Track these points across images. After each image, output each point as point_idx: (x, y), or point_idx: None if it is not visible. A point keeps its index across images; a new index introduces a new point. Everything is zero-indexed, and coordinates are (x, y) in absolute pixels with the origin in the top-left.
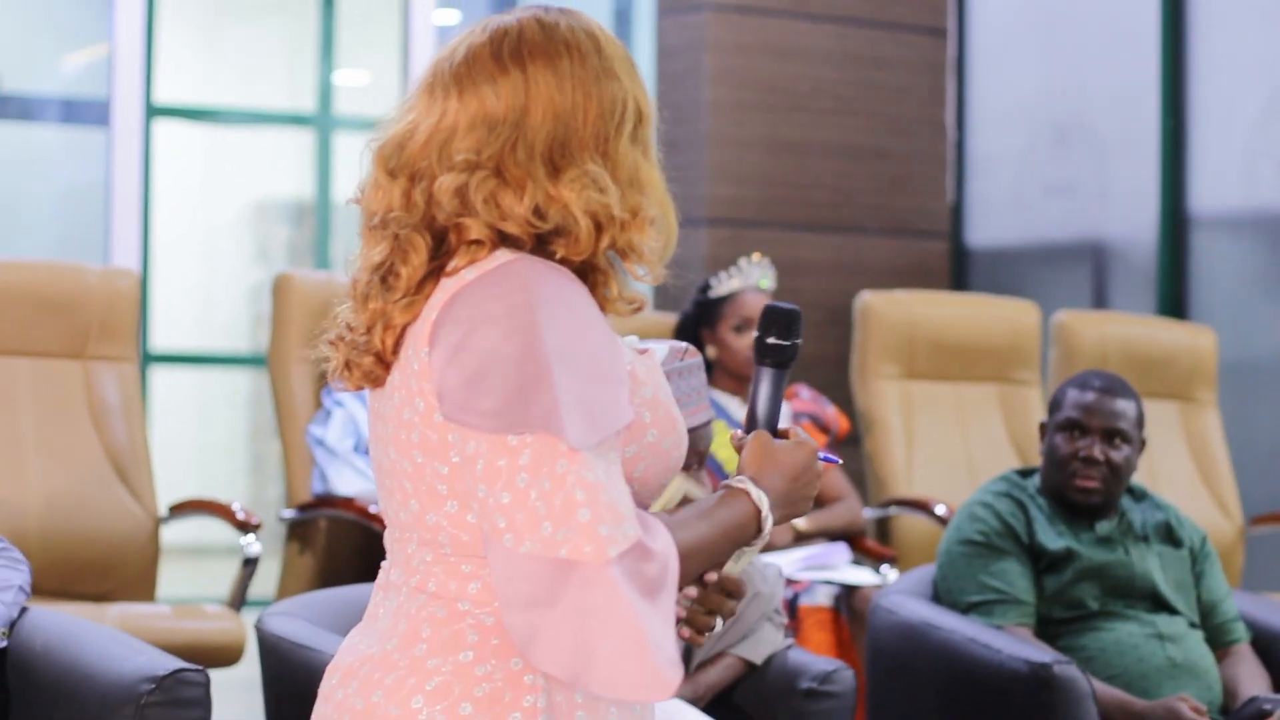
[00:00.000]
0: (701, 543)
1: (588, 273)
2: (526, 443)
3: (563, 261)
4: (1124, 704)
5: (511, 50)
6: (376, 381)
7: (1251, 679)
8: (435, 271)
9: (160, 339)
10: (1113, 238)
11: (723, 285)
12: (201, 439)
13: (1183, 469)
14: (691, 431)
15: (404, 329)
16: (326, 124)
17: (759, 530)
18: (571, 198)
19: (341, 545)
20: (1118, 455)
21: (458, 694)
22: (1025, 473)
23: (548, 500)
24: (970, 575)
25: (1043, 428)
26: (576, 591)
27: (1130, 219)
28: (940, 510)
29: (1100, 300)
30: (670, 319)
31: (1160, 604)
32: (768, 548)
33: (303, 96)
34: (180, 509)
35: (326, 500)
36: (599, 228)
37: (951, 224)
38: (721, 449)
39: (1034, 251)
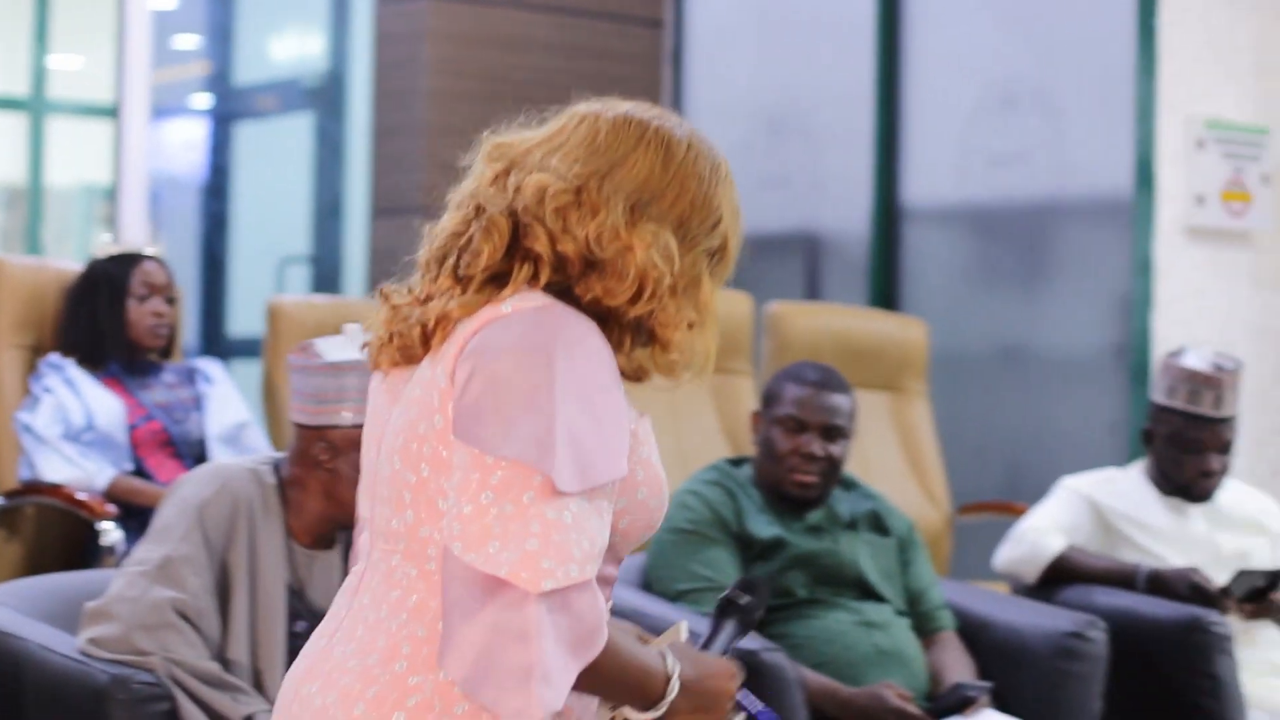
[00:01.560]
0: (624, 656)
1: (610, 327)
2: (502, 465)
3: (590, 305)
4: (831, 691)
5: (643, 118)
6: (412, 358)
7: (957, 666)
8: (498, 277)
9: None
10: (826, 230)
11: None
12: None
13: (892, 458)
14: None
15: (452, 325)
16: (39, 108)
17: (660, 698)
18: (637, 245)
19: (49, 532)
20: (836, 450)
21: (438, 710)
22: (736, 462)
23: (504, 522)
24: (679, 563)
25: (755, 417)
26: (499, 609)
27: (844, 211)
28: None
29: (813, 291)
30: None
31: (868, 592)
32: None
33: (15, 80)
34: None
35: (33, 487)
36: (641, 288)
37: None
38: None
39: (747, 242)
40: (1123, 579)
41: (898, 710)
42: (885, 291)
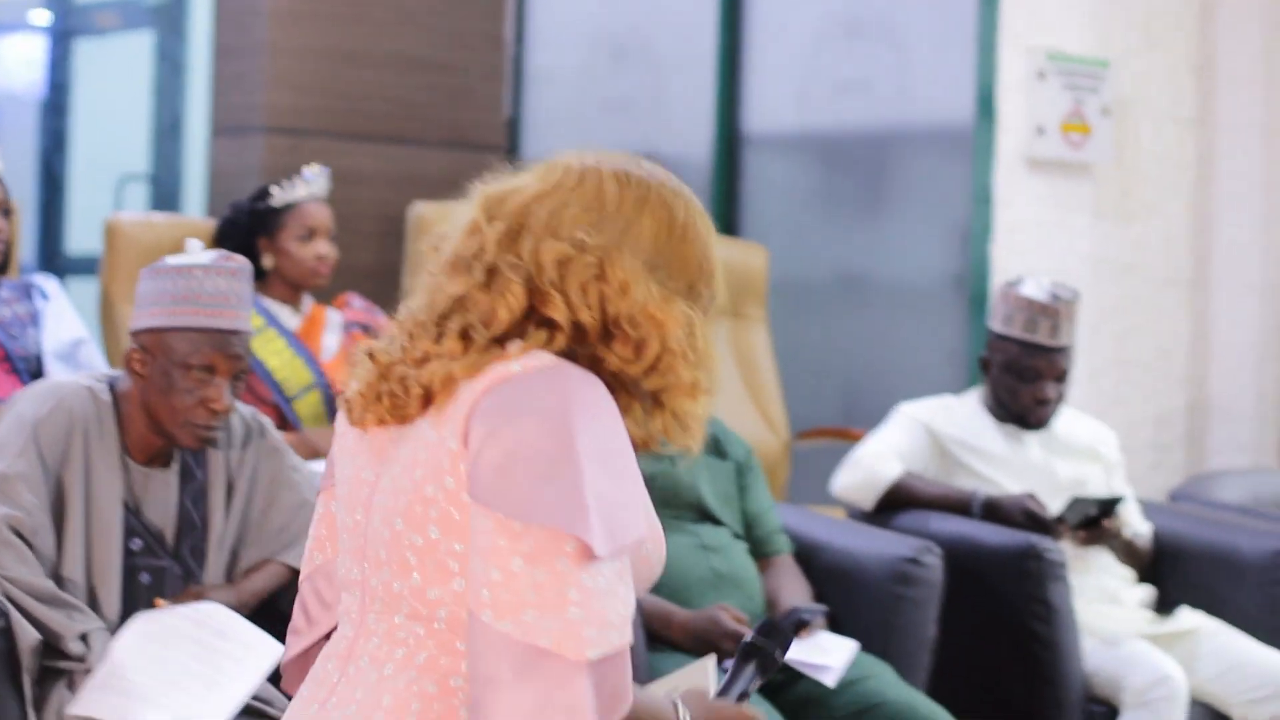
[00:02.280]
0: (641, 713)
1: (618, 393)
2: (532, 530)
3: (598, 368)
4: (666, 613)
5: (642, 177)
6: (404, 419)
7: (792, 590)
8: (501, 337)
9: None
10: (668, 155)
11: (285, 195)
12: None
13: (731, 384)
14: (233, 334)
15: (456, 385)
16: None
17: None
18: (669, 323)
19: None
20: None
21: None
22: None
23: (539, 590)
24: None
25: None
26: (544, 681)
27: (686, 137)
28: None
29: None
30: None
31: (705, 515)
32: None
33: None
34: None
35: None
36: (660, 360)
37: (508, 137)
38: (271, 356)
39: None
40: (958, 505)
41: (732, 633)
42: (726, 217)
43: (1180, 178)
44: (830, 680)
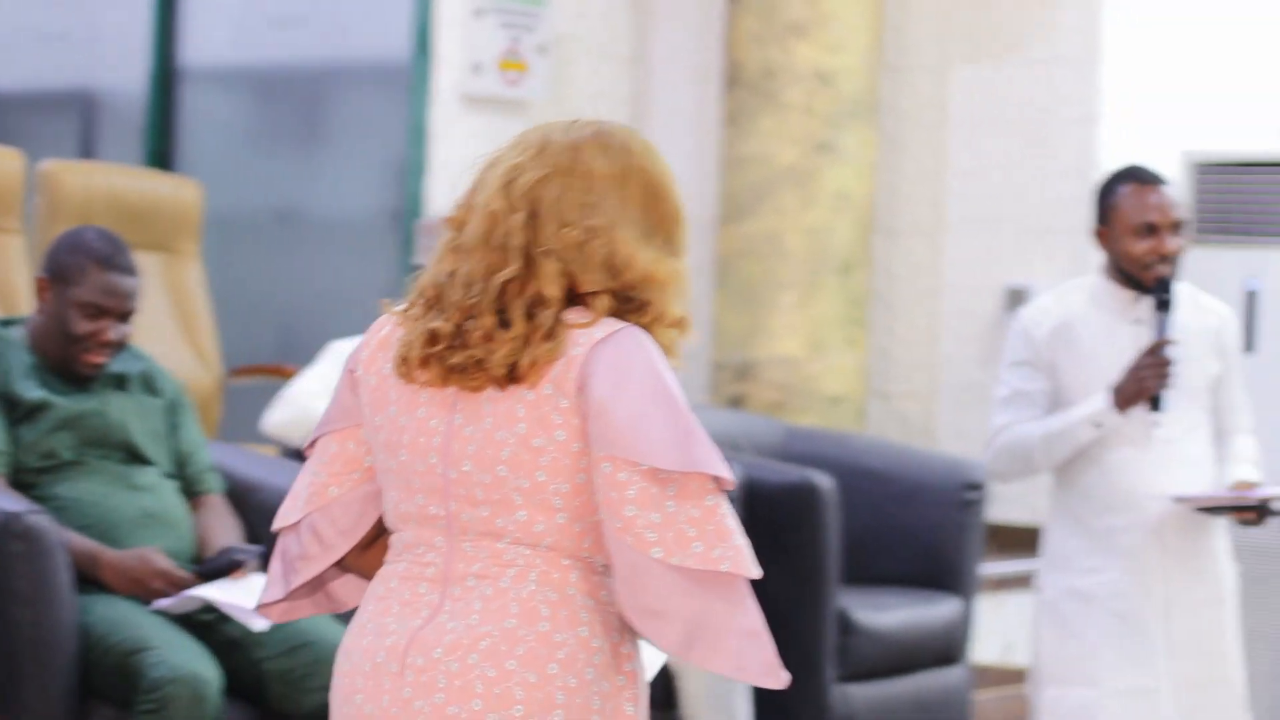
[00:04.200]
0: None
1: None
2: (674, 477)
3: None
4: (95, 554)
5: (619, 143)
6: (476, 388)
7: (224, 530)
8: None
9: None
10: (102, 88)
11: None
12: None
13: (164, 320)
14: None
15: (541, 368)
16: None
17: None
18: (667, 281)
19: None
20: (129, 329)
21: (582, 661)
22: (7, 322)
23: (698, 524)
24: None
25: (43, 283)
26: (729, 603)
27: (120, 69)
28: None
29: (88, 150)
30: None
31: (134, 455)
32: None
33: None
34: None
35: None
36: (661, 313)
37: None
38: None
39: (21, 99)
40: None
41: (163, 572)
42: (161, 152)
43: (615, 115)
44: (259, 625)
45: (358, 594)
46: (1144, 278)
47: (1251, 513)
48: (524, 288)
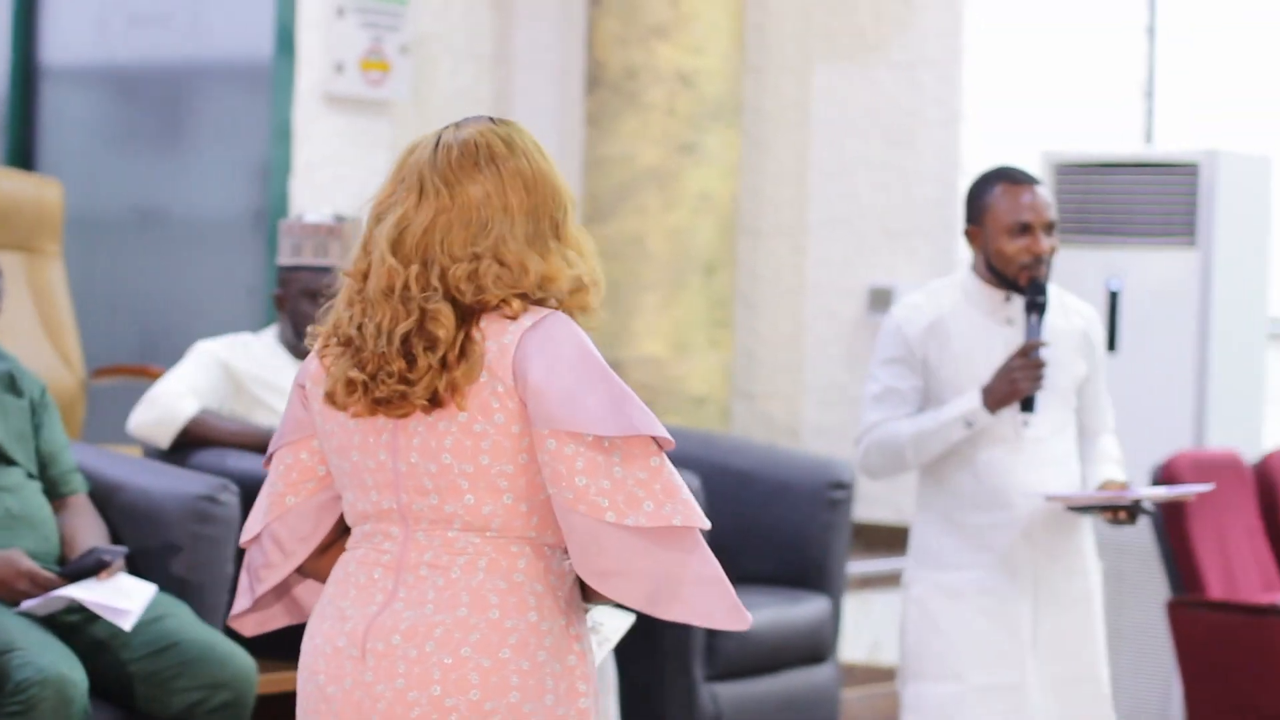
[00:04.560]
0: None
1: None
2: (618, 441)
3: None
4: None
5: (486, 156)
6: (405, 414)
7: (89, 530)
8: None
9: None
10: None
11: None
12: None
13: (26, 321)
14: None
15: (461, 388)
16: None
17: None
18: (561, 274)
19: None
20: None
21: (533, 645)
22: None
23: (646, 486)
24: None
25: None
26: (685, 553)
27: None
28: None
29: None
30: None
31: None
32: None
33: None
34: None
35: None
36: (575, 292)
37: None
38: None
39: None
40: (256, 442)
41: (28, 573)
42: (21, 151)
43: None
44: (127, 624)
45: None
46: (1018, 277)
47: (1124, 512)
48: (422, 331)
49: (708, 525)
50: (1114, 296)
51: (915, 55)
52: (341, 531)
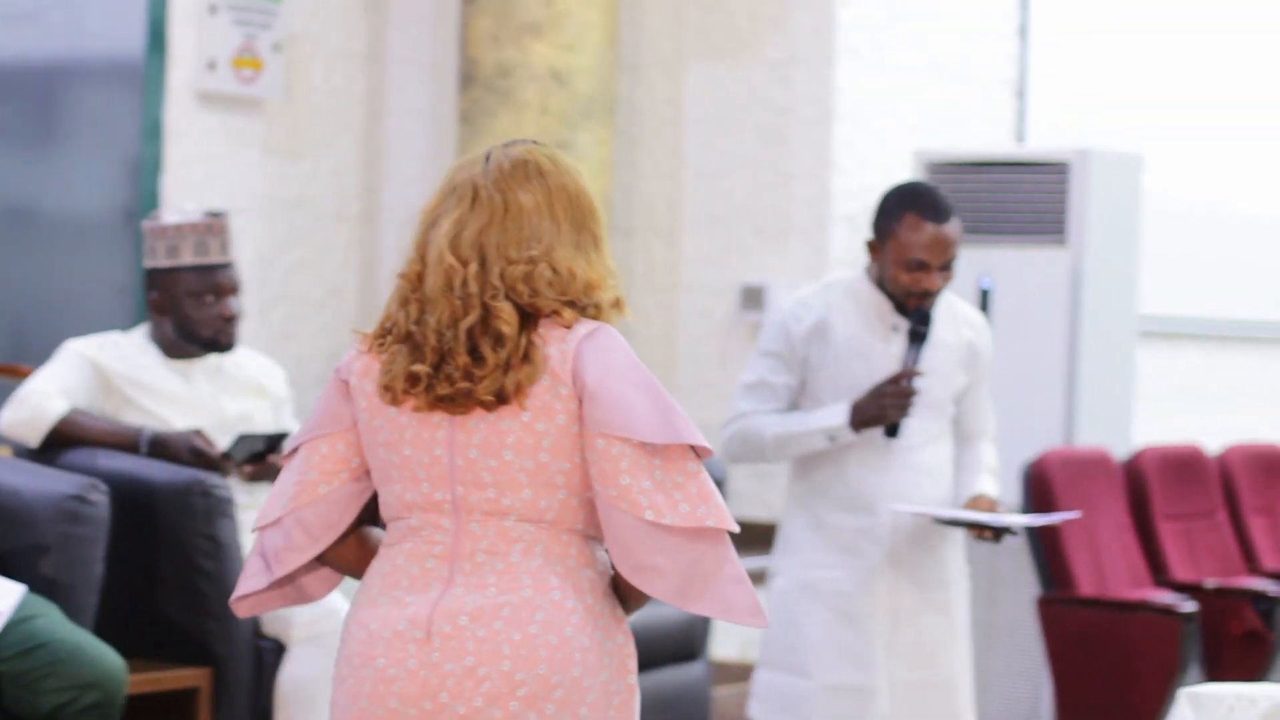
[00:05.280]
0: None
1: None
2: (659, 449)
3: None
4: None
5: (535, 170)
6: (465, 411)
7: None
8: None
9: None
10: None
11: None
12: None
13: None
14: None
15: (524, 387)
16: None
17: None
18: (603, 281)
19: None
20: None
21: (590, 625)
22: None
23: (683, 489)
24: None
25: None
26: (717, 554)
27: None
28: None
29: None
30: None
31: None
32: None
33: None
34: None
35: None
36: (614, 304)
37: None
38: None
39: None
40: (126, 442)
41: None
42: None
43: (350, 113)
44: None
45: (325, 586)
46: (905, 303)
47: (989, 531)
48: (486, 328)
49: (737, 529)
50: (985, 295)
51: (788, 54)
52: (357, 523)
